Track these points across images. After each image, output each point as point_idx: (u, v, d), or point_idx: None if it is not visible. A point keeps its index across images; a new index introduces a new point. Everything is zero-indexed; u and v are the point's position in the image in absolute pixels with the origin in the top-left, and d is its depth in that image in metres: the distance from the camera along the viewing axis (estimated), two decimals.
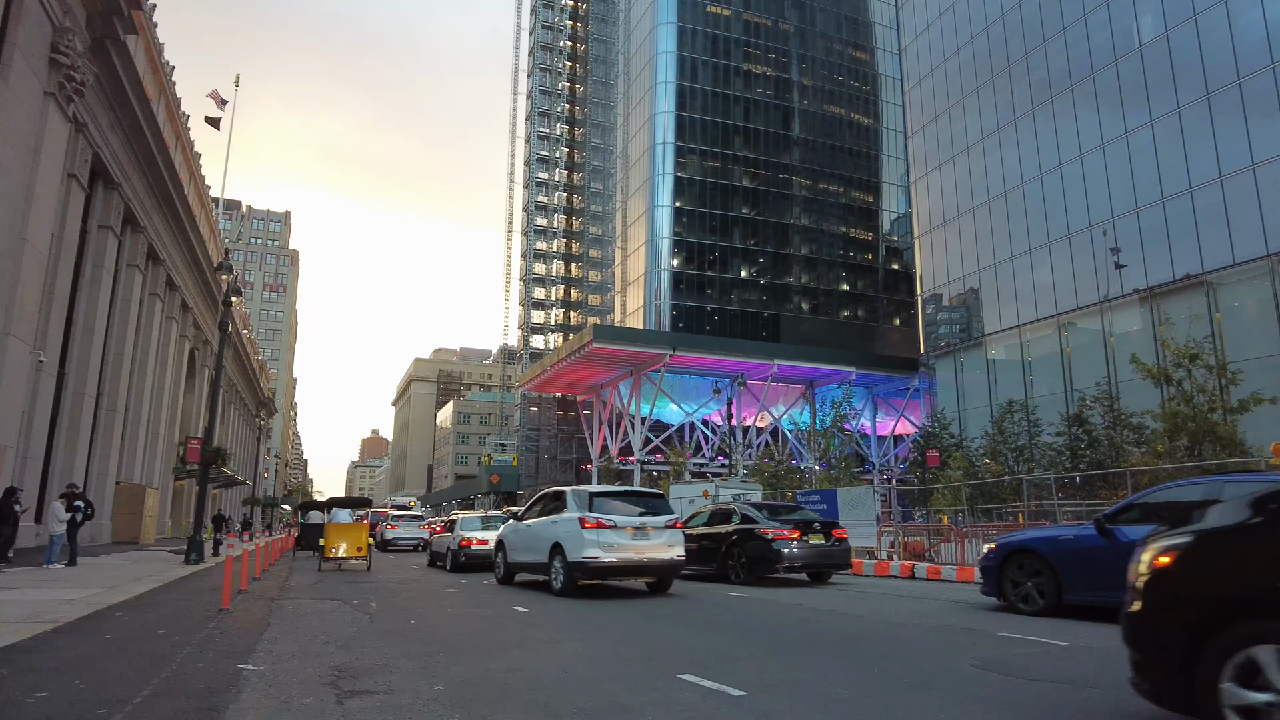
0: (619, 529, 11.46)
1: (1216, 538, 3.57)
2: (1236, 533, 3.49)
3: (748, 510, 15.03)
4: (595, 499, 11.96)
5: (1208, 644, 3.35)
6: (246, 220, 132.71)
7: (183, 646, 6.38)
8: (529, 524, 13.26)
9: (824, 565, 14.29)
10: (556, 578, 11.71)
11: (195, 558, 18.07)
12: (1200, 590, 3.51)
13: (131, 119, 23.06)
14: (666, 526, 12.03)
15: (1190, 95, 30.57)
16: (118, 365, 26.65)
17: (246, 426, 69.70)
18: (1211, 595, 3.45)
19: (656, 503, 12.65)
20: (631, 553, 11.47)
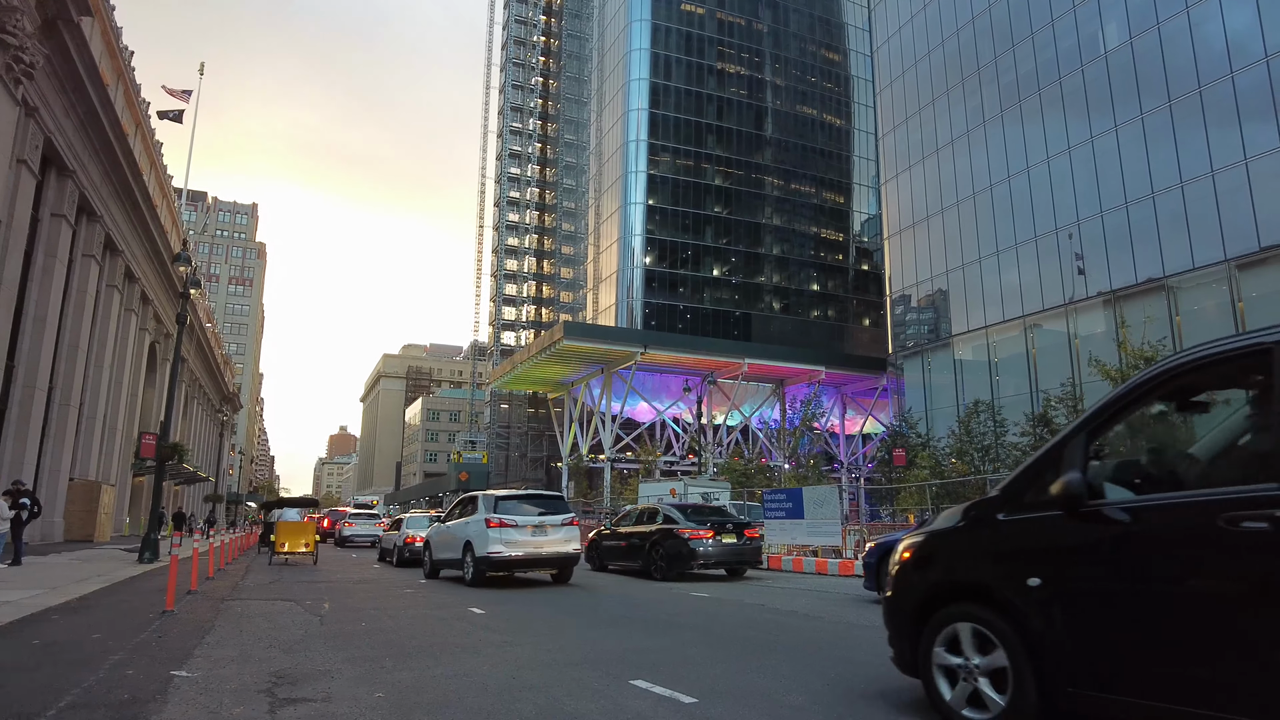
0: (520, 527, 13.08)
1: (936, 537, 4.45)
2: (949, 534, 4.37)
3: (669, 511, 16.02)
4: (500, 502, 13.54)
5: (928, 621, 4.26)
6: (212, 212, 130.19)
7: (115, 652, 6.11)
8: (449, 525, 14.88)
9: (736, 562, 15.53)
10: (468, 570, 13.33)
11: (149, 556, 17.59)
12: (924, 579, 4.40)
13: (87, 104, 22.39)
14: (563, 524, 13.60)
15: (1153, 102, 31.09)
16: (72, 358, 25.88)
17: (210, 422, 68.35)
18: (931, 583, 4.35)
19: (555, 504, 14.18)
20: (531, 548, 13.08)
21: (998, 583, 3.96)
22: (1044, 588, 3.75)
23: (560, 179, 79.89)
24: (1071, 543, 3.73)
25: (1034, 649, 3.74)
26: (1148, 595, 3.42)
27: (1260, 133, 27.26)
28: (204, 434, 65.20)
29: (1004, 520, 4.04)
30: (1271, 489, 3.09)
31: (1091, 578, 3.65)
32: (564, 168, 79.32)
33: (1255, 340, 3.37)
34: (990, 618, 3.94)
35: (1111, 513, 3.59)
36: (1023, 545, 3.95)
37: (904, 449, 35.52)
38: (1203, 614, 3.25)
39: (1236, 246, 27.74)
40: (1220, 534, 3.18)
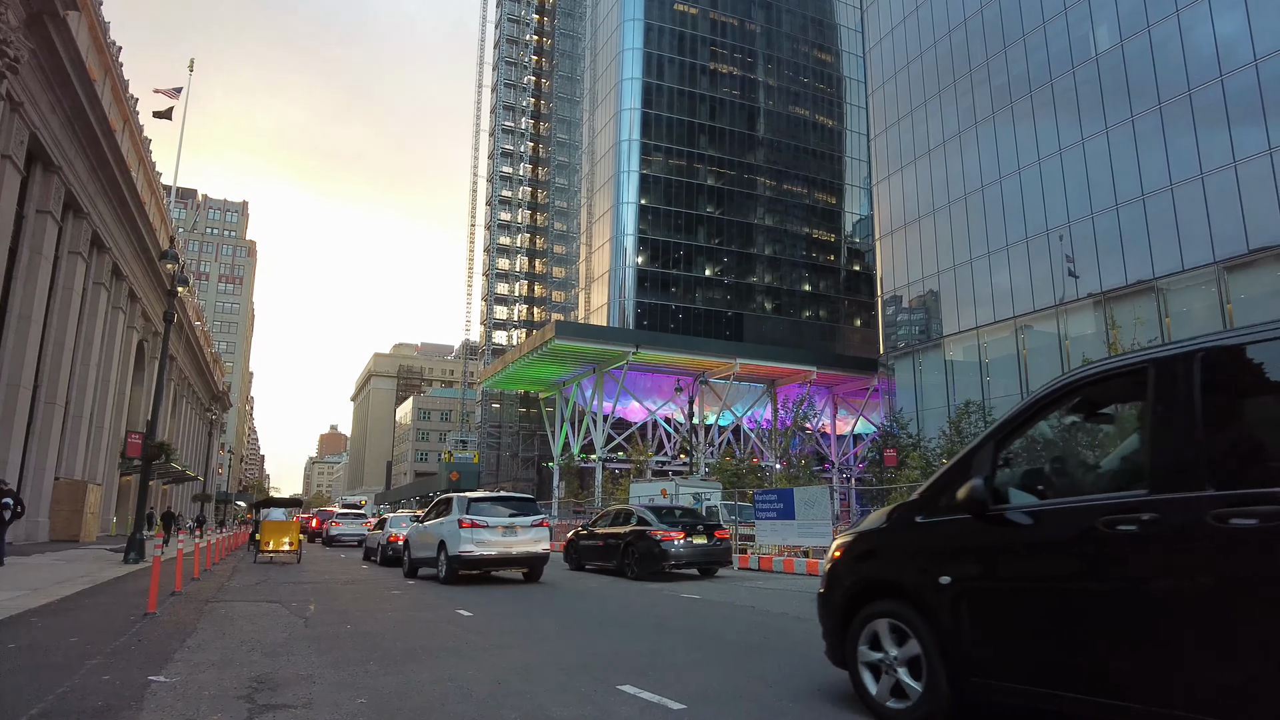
0: (490, 528, 13.62)
1: (862, 537, 4.76)
2: (873, 534, 4.68)
3: (643, 513, 16.52)
4: (473, 503, 14.10)
5: (855, 617, 4.56)
6: (202, 210, 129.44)
7: (93, 656, 5.99)
8: (425, 525, 15.40)
9: (707, 562, 15.98)
10: (442, 569, 13.88)
11: (135, 557, 17.42)
12: (852, 577, 4.68)
13: (73, 99, 22.15)
14: (533, 525, 14.13)
15: (1143, 105, 31.19)
16: (58, 356, 25.60)
17: (199, 421, 67.91)
18: (857, 581, 4.64)
19: (526, 505, 14.74)
20: (502, 547, 13.63)
21: (914, 580, 4.27)
22: (953, 585, 4.06)
23: (552, 178, 79.72)
24: (978, 544, 4.04)
25: (944, 643, 4.04)
26: (1040, 592, 3.76)
27: (1249, 136, 27.38)
28: (193, 433, 64.76)
29: (921, 522, 4.35)
30: (1141, 495, 3.44)
31: (994, 576, 3.98)
32: (556, 167, 79.14)
33: (1139, 359, 3.71)
34: (908, 614, 4.24)
35: (1014, 516, 3.91)
36: (936, 546, 4.25)
37: (895, 449, 35.55)
38: (1084, 608, 3.54)
39: (1225, 249, 27.85)
40: (1100, 536, 3.51)
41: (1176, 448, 3.41)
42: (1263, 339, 3.35)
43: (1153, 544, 3.34)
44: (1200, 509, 3.21)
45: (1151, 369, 3.61)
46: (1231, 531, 3.11)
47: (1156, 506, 3.36)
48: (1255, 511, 3.05)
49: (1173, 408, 3.47)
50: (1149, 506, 3.38)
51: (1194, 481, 3.30)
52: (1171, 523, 3.29)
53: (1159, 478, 3.43)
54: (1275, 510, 2.99)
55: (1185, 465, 3.35)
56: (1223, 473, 3.26)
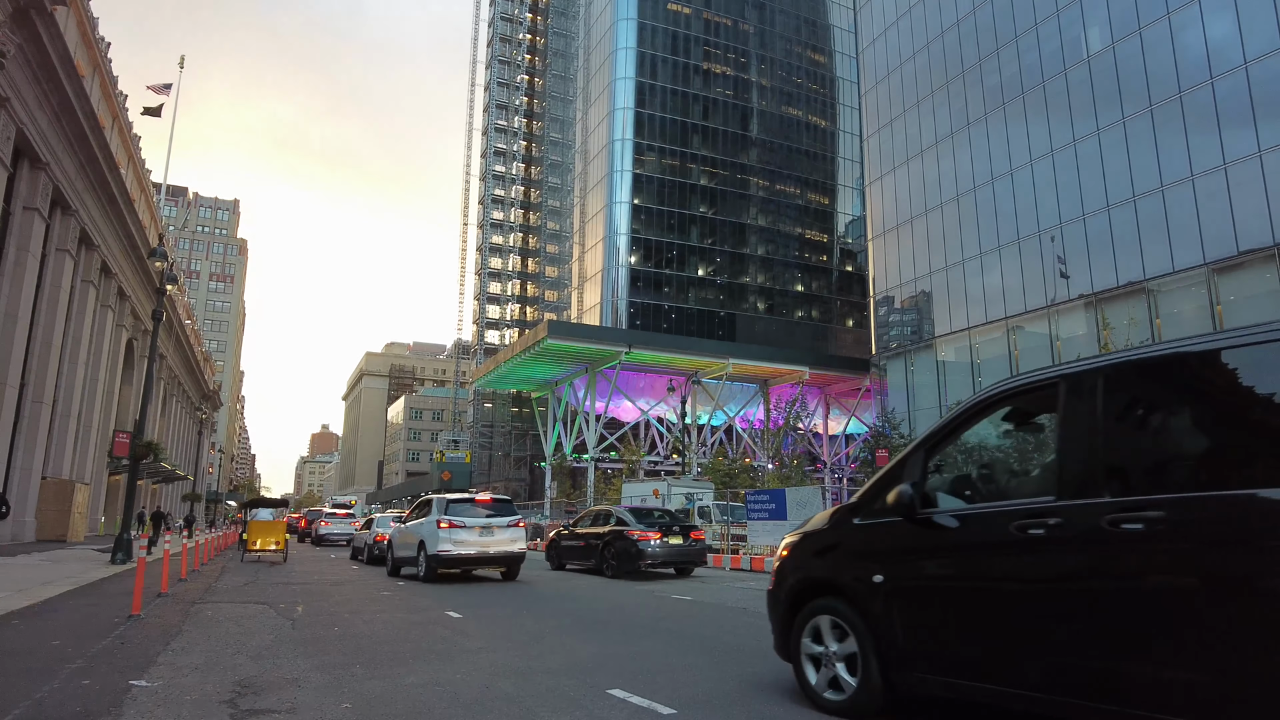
0: (468, 528, 14.08)
1: (807, 537, 5.01)
2: (817, 535, 4.92)
3: (621, 514, 17.08)
4: (451, 505, 14.55)
5: (799, 613, 4.83)
6: (193, 208, 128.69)
7: (74, 659, 5.89)
8: (407, 525, 15.92)
9: (683, 562, 16.42)
10: (421, 567, 14.34)
11: (122, 557, 17.27)
12: (796, 575, 4.94)
13: (61, 95, 21.95)
14: (509, 526, 14.56)
15: (1135, 107, 31.31)
16: (45, 354, 25.37)
17: (189, 420, 67.52)
18: (801, 579, 4.90)
19: (503, 507, 15.15)
20: (479, 547, 14.09)
21: (851, 579, 4.55)
22: (885, 583, 4.33)
23: (545, 177, 79.57)
24: (908, 544, 4.30)
25: (878, 638, 4.31)
26: (962, 591, 4.03)
27: (1239, 138, 27.51)
28: (182, 432, 64.38)
29: (859, 524, 4.63)
30: (1049, 501, 3.69)
31: (921, 575, 4.24)
32: (549, 166, 79.00)
33: (1053, 375, 3.95)
34: (846, 610, 4.52)
35: (941, 519, 4.18)
36: (871, 546, 4.53)
37: (887, 450, 35.58)
38: (999, 606, 3.83)
39: (1215, 250, 27.98)
40: (1013, 539, 3.77)
41: (1080, 457, 3.67)
42: (1154, 358, 3.63)
43: (1057, 546, 3.60)
44: (1098, 514, 3.47)
45: (1062, 384, 3.86)
46: (1123, 534, 3.38)
47: (1061, 512, 3.62)
48: (1142, 516, 3.33)
49: (1078, 420, 3.73)
50: (1055, 512, 3.64)
51: (1094, 489, 3.56)
52: (1073, 526, 3.55)
53: (1065, 485, 3.68)
54: (1159, 515, 3.27)
55: (1087, 474, 3.61)
56: (1117, 481, 3.54)
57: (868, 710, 4.34)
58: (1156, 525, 3.28)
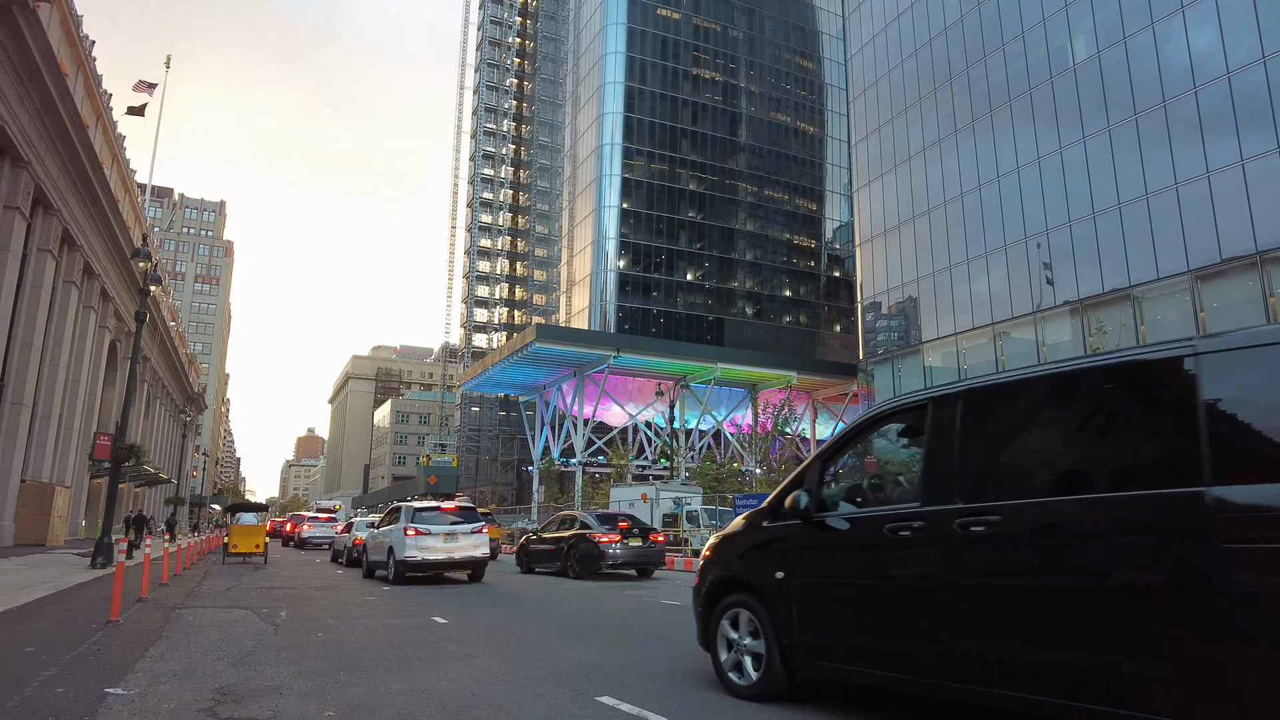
0: (433, 535, 14.81)
1: (725, 539, 5.58)
2: (733, 536, 5.47)
3: (585, 519, 18.04)
4: (418, 513, 15.29)
5: (716, 607, 5.38)
6: (179, 209, 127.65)
7: (48, 667, 5.75)
8: (378, 531, 16.67)
9: (642, 563, 17.22)
10: (390, 571, 14.96)
11: (103, 562, 17.03)
12: (714, 572, 5.48)
13: (43, 92, 21.68)
14: (473, 532, 15.28)
15: (1120, 115, 31.55)
16: (26, 355, 25.02)
17: (173, 423, 66.83)
18: (719, 576, 5.42)
19: (468, 514, 15.82)
20: (444, 553, 14.82)
21: (758, 576, 5.07)
22: (785, 580, 4.85)
23: (534, 181, 79.44)
24: (804, 545, 4.84)
25: (779, 629, 4.83)
26: (847, 585, 4.55)
27: (1222, 147, 27.76)
28: (166, 435, 63.71)
29: (766, 526, 5.15)
30: (915, 507, 4.21)
31: (815, 572, 4.77)
32: (538, 170, 78.88)
33: (923, 397, 4.50)
34: (754, 604, 5.04)
35: (833, 522, 4.72)
36: (775, 547, 5.05)
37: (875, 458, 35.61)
38: (876, 599, 4.33)
39: (1199, 258, 28.20)
40: (885, 539, 4.29)
41: (940, 468, 4.20)
42: (998, 384, 4.21)
43: (919, 546, 4.12)
44: (951, 518, 3.99)
45: (931, 405, 4.40)
46: (970, 536, 3.90)
47: (923, 516, 4.14)
48: (984, 520, 3.86)
49: (939, 436, 4.26)
50: (918, 516, 4.16)
51: (949, 496, 4.08)
52: (932, 529, 4.07)
53: (928, 492, 4.20)
54: (997, 519, 3.81)
55: (944, 483, 4.14)
56: (967, 489, 4.04)
57: (772, 695, 4.88)
58: (995, 527, 3.82)
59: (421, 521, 15.04)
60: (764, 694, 4.92)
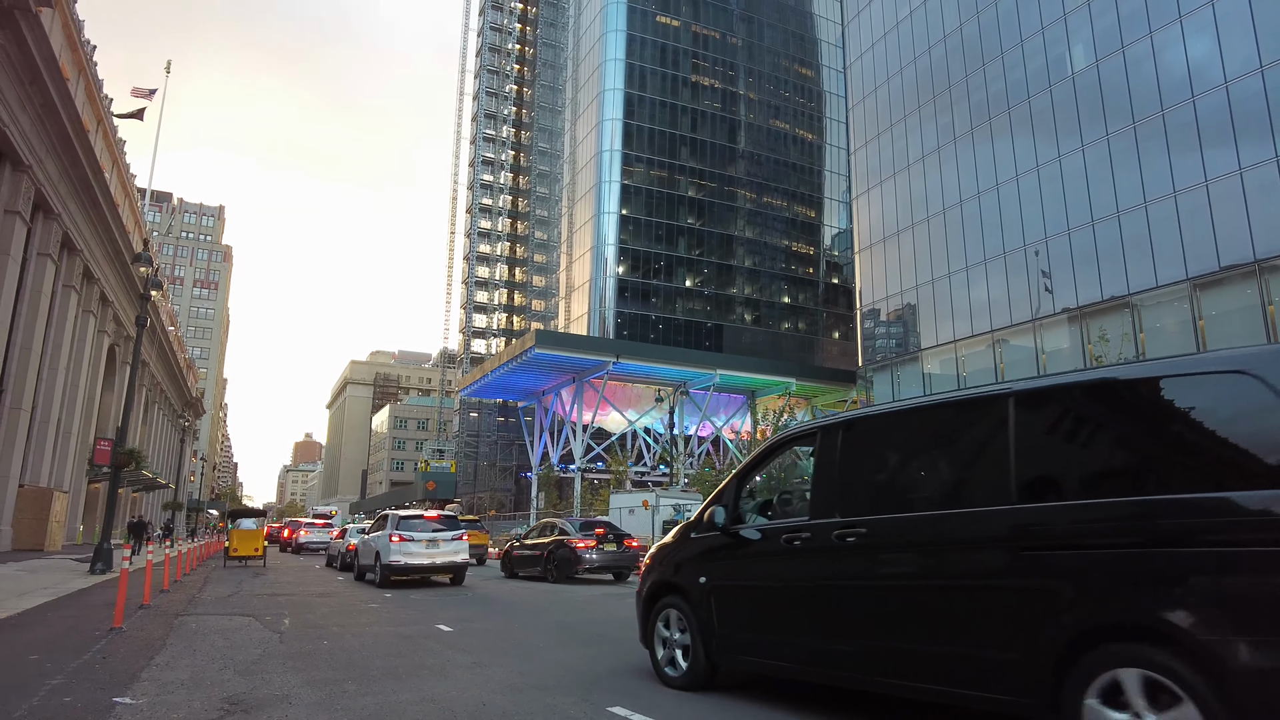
0: (416, 541, 15.75)
1: (662, 547, 6.27)
2: (668, 545, 6.15)
3: (564, 525, 18.99)
4: (402, 520, 16.33)
5: (653, 608, 6.03)
6: (178, 214, 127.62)
7: (54, 675, 5.72)
8: (367, 537, 17.77)
9: (617, 567, 18.00)
10: (377, 574, 16.03)
11: (102, 567, 16.98)
12: (651, 578, 6.16)
13: (44, 97, 21.68)
14: (453, 539, 16.29)
15: (1118, 124, 31.66)
16: (25, 360, 24.97)
17: (171, 428, 66.70)
18: (655, 581, 6.10)
19: (449, 522, 16.99)
20: (426, 558, 15.77)
21: (686, 581, 5.74)
22: (707, 583, 5.54)
23: (534, 187, 79.51)
24: (722, 553, 5.53)
25: (703, 627, 5.51)
26: (754, 588, 5.24)
27: (1220, 156, 27.85)
28: (165, 440, 63.57)
29: (693, 537, 5.83)
30: (805, 520, 4.91)
31: (730, 576, 5.46)
32: (537, 176, 78.97)
33: (815, 426, 5.26)
34: (683, 606, 5.70)
35: (746, 533, 5.37)
36: (699, 554, 5.74)
37: None
38: (775, 599, 5.02)
39: (1198, 266, 28.27)
40: (782, 548, 4.97)
41: (824, 486, 4.90)
42: (868, 415, 5.04)
43: (807, 553, 4.78)
44: (830, 530, 4.64)
45: (820, 432, 5.12)
46: (845, 545, 4.54)
47: (810, 528, 4.80)
48: (854, 531, 4.52)
49: (825, 459, 4.96)
50: (807, 528, 4.82)
51: (831, 511, 4.74)
52: (816, 539, 4.73)
53: (815, 508, 4.87)
54: (864, 531, 4.47)
55: (827, 499, 4.82)
56: (844, 505, 4.71)
57: (698, 685, 5.55)
58: (863, 538, 4.47)
59: (406, 529, 15.99)
60: (691, 684, 5.58)
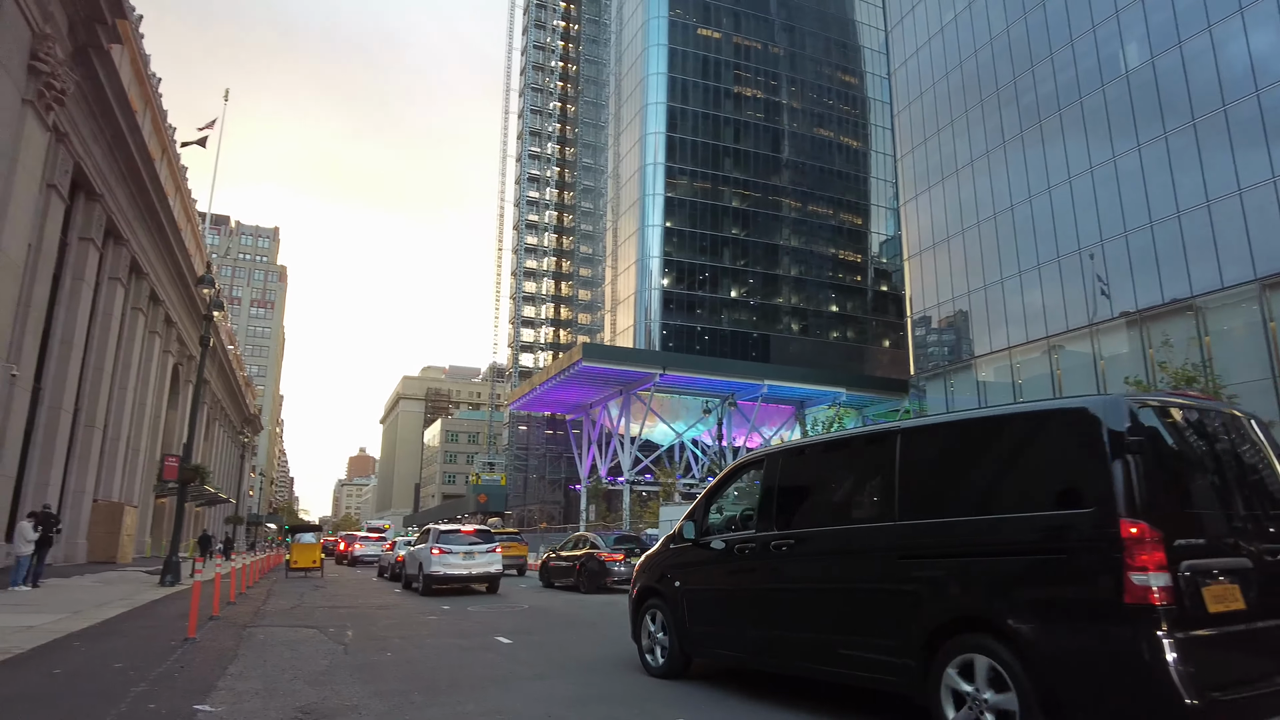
0: (454, 553, 17.22)
1: (649, 556, 7.46)
2: (655, 554, 7.31)
3: (594, 539, 20.16)
4: (441, 534, 17.86)
5: (641, 608, 7.22)
6: (235, 235, 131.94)
7: (138, 683, 5.98)
8: (412, 550, 19.49)
9: None
10: (420, 583, 17.57)
11: (171, 579, 17.56)
12: (639, 583, 7.33)
13: (115, 129, 22.71)
14: (488, 551, 17.72)
15: (1176, 121, 30.75)
16: (97, 380, 26.08)
17: (231, 444, 68.77)
18: (642, 586, 7.25)
19: (485, 535, 18.46)
20: (463, 569, 17.21)
21: (664, 585, 6.90)
22: (681, 586, 6.69)
23: (578, 202, 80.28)
24: (693, 561, 6.66)
25: (678, 624, 6.65)
26: (716, 589, 6.34)
27: None
28: (225, 456, 65.56)
29: (672, 548, 7.01)
30: (751, 534, 6.05)
31: (698, 581, 6.57)
32: (582, 191, 79.74)
33: (760, 454, 6.48)
34: (663, 606, 6.88)
35: (714, 544, 6.46)
36: (675, 563, 6.88)
37: None
38: (730, 599, 6.14)
39: (1267, 265, 27.22)
40: (735, 556, 6.12)
41: (766, 504, 6.02)
42: (796, 445, 6.31)
43: (753, 560, 5.89)
44: (768, 540, 5.77)
45: (765, 459, 6.30)
46: (780, 554, 5.64)
47: (755, 539, 5.94)
48: (785, 542, 5.64)
49: (768, 481, 6.12)
50: (753, 540, 5.95)
51: (770, 525, 5.88)
52: (759, 548, 5.84)
53: (760, 521, 6.02)
54: (793, 542, 5.57)
55: (769, 515, 5.97)
56: (780, 520, 5.84)
57: (673, 674, 6.67)
58: (792, 547, 5.56)
59: (445, 542, 17.43)
60: (668, 673, 6.71)
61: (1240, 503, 4.28)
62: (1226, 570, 3.90)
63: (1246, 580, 3.93)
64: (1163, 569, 3.66)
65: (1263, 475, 4.44)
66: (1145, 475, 3.84)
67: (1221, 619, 3.78)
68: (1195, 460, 4.35)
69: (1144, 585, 3.62)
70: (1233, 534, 4.10)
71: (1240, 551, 4.02)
